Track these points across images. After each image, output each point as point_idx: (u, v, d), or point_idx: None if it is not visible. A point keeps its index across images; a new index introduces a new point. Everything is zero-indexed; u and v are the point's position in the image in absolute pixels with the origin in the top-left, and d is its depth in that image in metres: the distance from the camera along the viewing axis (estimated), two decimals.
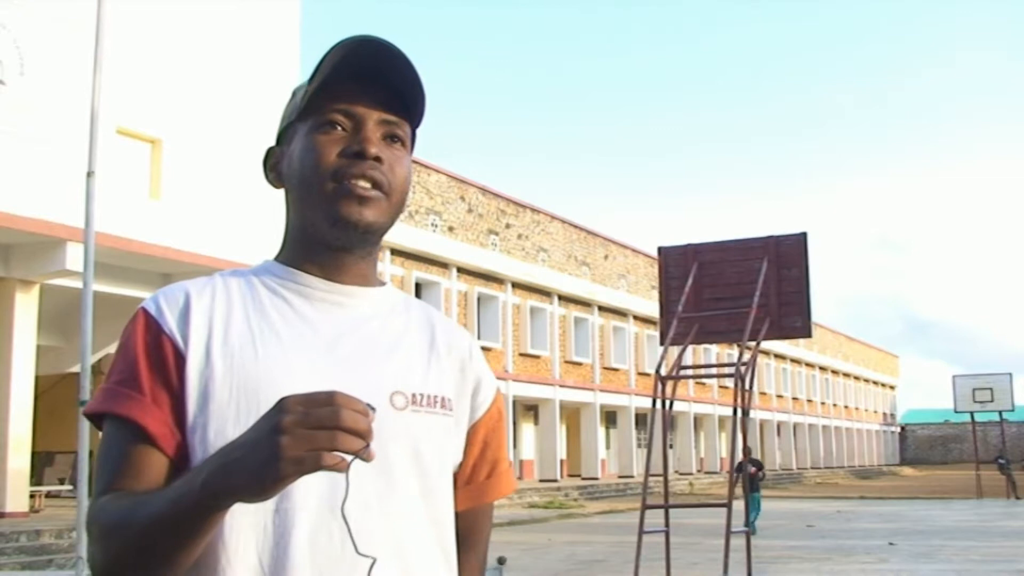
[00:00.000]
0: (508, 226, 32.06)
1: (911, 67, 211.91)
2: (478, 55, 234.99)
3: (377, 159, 1.25)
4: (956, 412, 39.24)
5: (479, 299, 30.99)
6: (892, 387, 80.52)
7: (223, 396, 1.18)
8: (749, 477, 20.23)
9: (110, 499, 1.14)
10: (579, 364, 36.39)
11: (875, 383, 74.58)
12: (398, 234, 26.68)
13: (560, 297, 35.35)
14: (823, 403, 62.27)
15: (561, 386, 34.80)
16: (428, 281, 28.67)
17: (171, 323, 1.22)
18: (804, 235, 11.68)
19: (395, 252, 27.11)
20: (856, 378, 69.32)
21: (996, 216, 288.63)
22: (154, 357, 1.20)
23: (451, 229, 29.13)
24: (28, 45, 14.79)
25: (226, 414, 1.17)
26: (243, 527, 1.14)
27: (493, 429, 1.38)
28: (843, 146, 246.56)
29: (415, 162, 27.83)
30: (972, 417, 38.22)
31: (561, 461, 36.11)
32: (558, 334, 35.08)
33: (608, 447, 41.27)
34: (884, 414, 77.53)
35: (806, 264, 11.54)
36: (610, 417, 40.86)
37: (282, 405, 0.99)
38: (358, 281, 1.32)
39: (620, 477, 38.68)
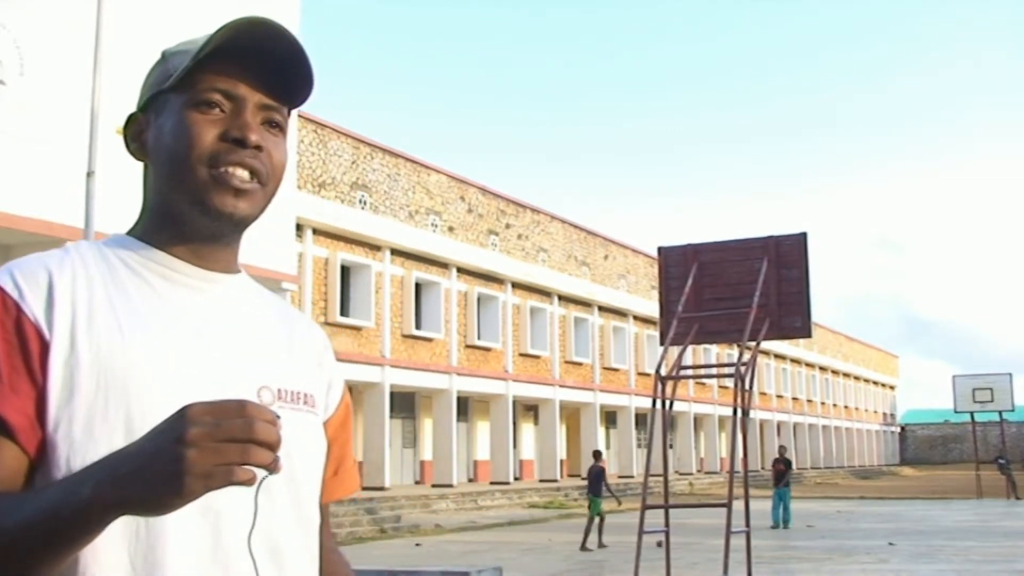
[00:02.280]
0: (508, 226, 32.05)
1: (911, 67, 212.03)
2: (478, 55, 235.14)
3: (258, 147, 1.18)
4: (956, 412, 39.26)
5: (479, 299, 30.97)
6: (892, 387, 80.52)
7: (90, 387, 1.07)
8: (779, 474, 21.15)
9: None
10: (579, 364, 36.38)
11: (875, 383, 74.58)
12: (398, 234, 26.68)
13: (560, 297, 35.34)
14: (823, 403, 62.27)
15: (561, 386, 34.79)
16: (428, 281, 28.65)
17: (33, 306, 1.09)
18: (804, 235, 11.69)
19: (395, 252, 27.10)
20: (856, 378, 69.32)
21: (996, 216, 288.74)
22: (13, 342, 1.07)
23: (451, 229, 29.11)
24: (28, 45, 14.79)
25: (94, 407, 1.07)
26: (113, 531, 1.03)
27: (342, 426, 1.34)
28: (843, 146, 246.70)
29: (415, 162, 27.83)
30: (972, 417, 38.24)
31: (561, 461, 36.12)
32: (558, 334, 35.07)
33: (608, 447, 41.27)
34: (884, 414, 77.53)
35: (806, 264, 11.55)
36: (610, 417, 40.87)
37: (187, 415, 0.91)
38: (221, 268, 1.24)
39: (620, 477, 38.65)
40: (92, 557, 1.05)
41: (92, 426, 1.06)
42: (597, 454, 17.92)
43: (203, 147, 1.17)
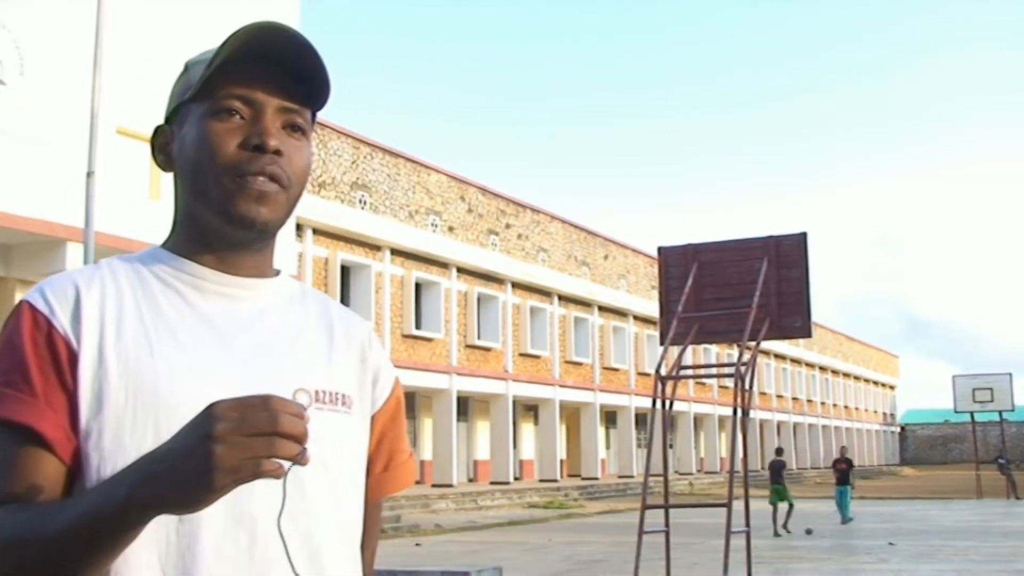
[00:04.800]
0: (508, 226, 32.06)
1: (911, 67, 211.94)
2: (478, 55, 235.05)
3: (277, 152, 1.18)
4: (956, 412, 39.27)
5: (479, 299, 30.98)
6: (892, 387, 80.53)
7: (118, 399, 1.10)
8: (842, 473, 22.06)
9: (2, 513, 1.04)
10: (579, 364, 36.39)
11: (875, 383, 74.60)
12: (398, 234, 26.69)
13: (560, 297, 35.35)
14: (823, 403, 62.28)
15: (561, 386, 34.79)
16: (428, 281, 28.66)
17: (62, 320, 1.12)
18: (804, 235, 11.69)
19: (395, 252, 27.11)
20: (856, 378, 69.33)
21: (996, 216, 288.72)
22: (46, 357, 1.11)
23: (451, 229, 29.12)
24: (28, 45, 14.78)
25: (123, 419, 1.10)
26: (144, 539, 1.05)
27: (391, 420, 1.33)
28: (843, 146, 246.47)
29: (416, 162, 27.83)
30: (972, 417, 38.24)
31: (561, 461, 36.12)
32: (558, 334, 35.08)
33: (608, 447, 41.28)
34: (884, 414, 77.54)
35: (806, 264, 11.55)
36: (610, 417, 40.87)
37: (213, 412, 0.93)
38: (253, 273, 1.24)
39: (620, 477, 38.68)
40: (123, 566, 1.07)
41: (121, 437, 1.09)
42: (779, 451, 21.46)
43: (224, 156, 1.17)
